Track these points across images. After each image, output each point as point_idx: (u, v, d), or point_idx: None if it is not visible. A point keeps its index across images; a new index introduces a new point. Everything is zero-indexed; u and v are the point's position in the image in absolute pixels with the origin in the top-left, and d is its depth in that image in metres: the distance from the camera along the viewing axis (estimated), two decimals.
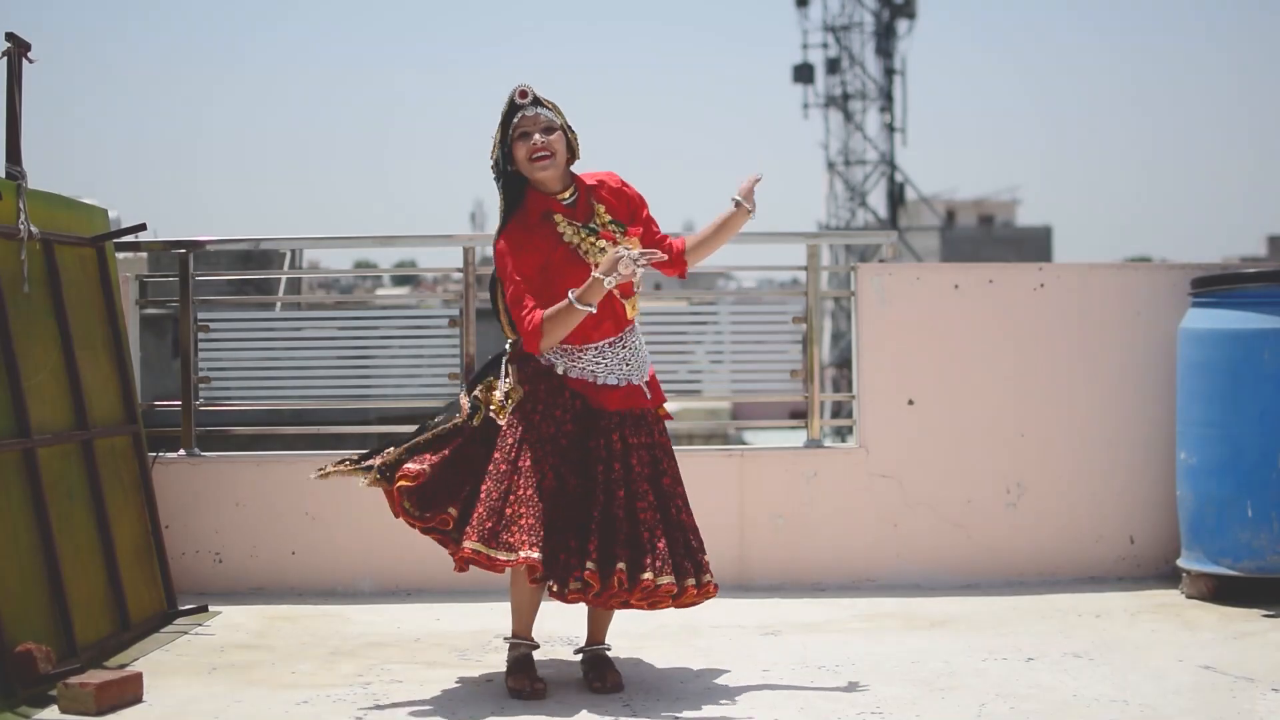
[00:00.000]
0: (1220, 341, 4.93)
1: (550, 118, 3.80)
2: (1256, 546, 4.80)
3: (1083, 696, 3.77)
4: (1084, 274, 5.49)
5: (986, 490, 5.41)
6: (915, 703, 3.74)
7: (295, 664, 4.24)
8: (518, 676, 3.87)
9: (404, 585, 5.31)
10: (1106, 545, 5.43)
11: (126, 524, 4.71)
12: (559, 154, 3.79)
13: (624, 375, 3.87)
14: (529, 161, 3.78)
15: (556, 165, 3.80)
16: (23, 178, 4.35)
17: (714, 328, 5.86)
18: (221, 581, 5.31)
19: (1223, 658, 4.17)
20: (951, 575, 5.36)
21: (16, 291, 4.23)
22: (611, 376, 3.85)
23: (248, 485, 5.37)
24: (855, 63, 37.09)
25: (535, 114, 3.79)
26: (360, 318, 5.89)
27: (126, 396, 4.90)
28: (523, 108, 3.79)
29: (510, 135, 3.81)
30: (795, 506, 5.36)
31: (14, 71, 4.38)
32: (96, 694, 3.65)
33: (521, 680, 3.85)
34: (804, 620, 4.79)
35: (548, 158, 3.77)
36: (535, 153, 3.76)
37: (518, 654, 3.92)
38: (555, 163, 3.79)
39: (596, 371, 3.84)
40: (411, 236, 5.94)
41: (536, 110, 3.79)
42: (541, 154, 3.76)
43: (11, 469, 4.06)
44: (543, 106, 3.81)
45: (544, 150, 3.76)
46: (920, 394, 5.41)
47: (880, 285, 5.43)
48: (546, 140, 3.77)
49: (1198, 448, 4.99)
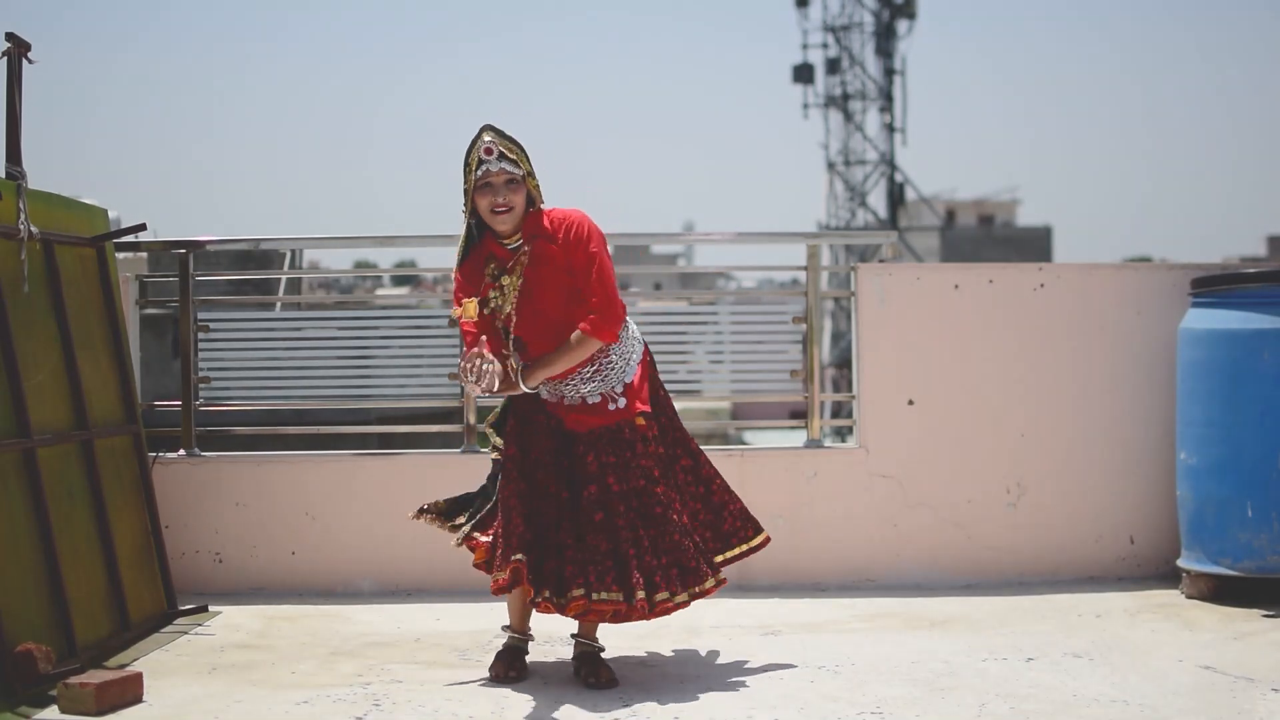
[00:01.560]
0: (1220, 341, 4.93)
1: (512, 172, 3.96)
2: (1256, 546, 4.80)
3: (1083, 696, 3.77)
4: (1084, 274, 5.49)
5: (986, 490, 5.41)
6: (915, 703, 3.74)
7: (295, 664, 4.24)
8: (497, 664, 4.09)
9: (404, 585, 5.32)
10: (1106, 545, 5.43)
11: (126, 524, 4.71)
12: (517, 208, 3.99)
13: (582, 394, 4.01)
14: (490, 213, 3.99)
15: (514, 217, 4.00)
16: (23, 178, 4.35)
17: (714, 328, 5.85)
18: (221, 581, 5.31)
19: (1223, 658, 4.17)
20: (951, 575, 5.36)
21: (16, 291, 4.23)
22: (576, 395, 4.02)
23: (248, 485, 5.37)
24: (855, 63, 37.14)
25: (499, 169, 3.95)
26: (360, 318, 5.88)
27: (126, 396, 4.90)
28: (487, 162, 3.96)
29: (474, 183, 3.98)
30: (795, 506, 5.36)
31: (14, 71, 4.38)
32: (96, 694, 3.65)
33: (499, 668, 4.07)
34: (804, 620, 4.79)
35: (506, 213, 3.97)
36: (496, 208, 3.97)
37: (506, 644, 4.15)
38: (513, 215, 3.99)
39: (564, 392, 4.03)
40: (411, 236, 5.94)
41: (500, 165, 3.96)
42: (501, 209, 3.97)
43: (11, 469, 4.06)
44: (506, 160, 3.96)
45: (504, 207, 3.97)
46: (920, 394, 5.41)
47: (880, 285, 5.43)
48: (507, 198, 3.96)
49: (1198, 448, 4.99)
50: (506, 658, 4.10)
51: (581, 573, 3.85)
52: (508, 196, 3.94)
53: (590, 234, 3.99)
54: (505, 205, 3.95)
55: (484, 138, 3.94)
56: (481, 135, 3.95)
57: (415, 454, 5.48)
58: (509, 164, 3.94)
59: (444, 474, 5.16)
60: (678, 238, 6.87)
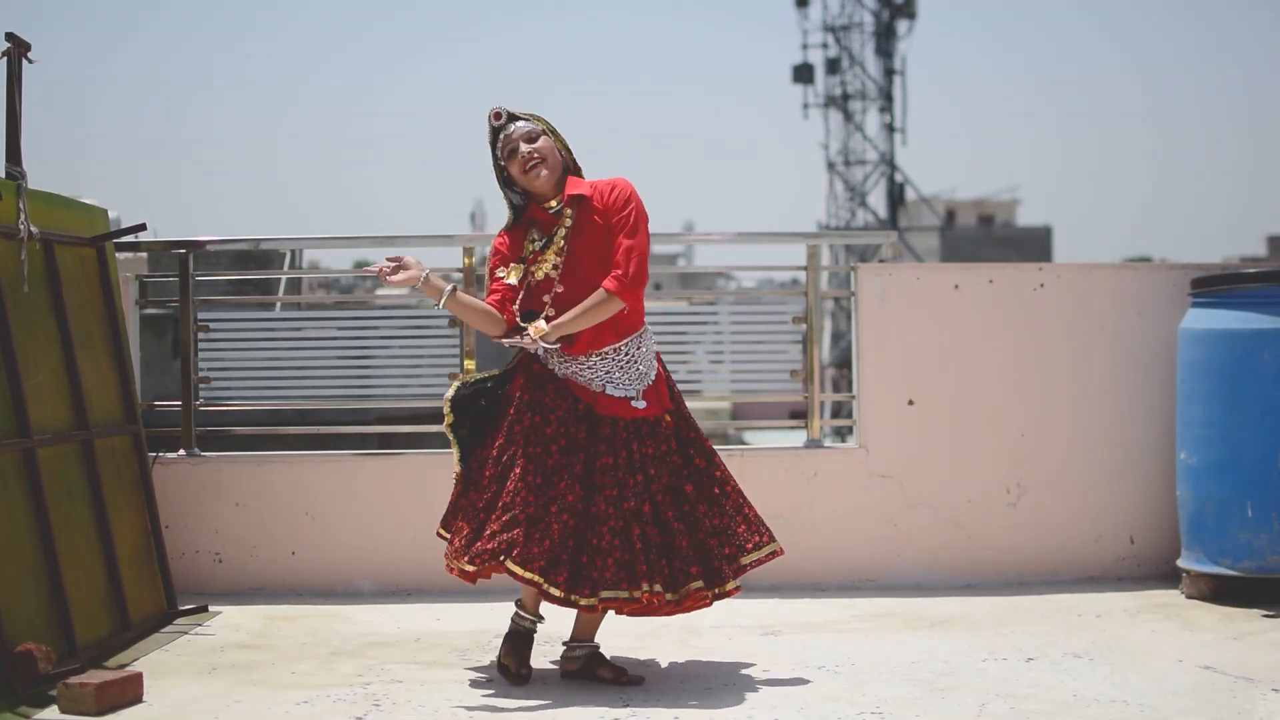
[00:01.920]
0: (1220, 341, 4.93)
1: (530, 127, 3.94)
2: (1256, 546, 4.80)
3: (1083, 696, 3.77)
4: (1084, 274, 5.49)
5: (986, 490, 5.41)
6: (915, 703, 3.74)
7: (295, 664, 4.24)
8: (509, 653, 3.94)
9: (404, 585, 5.31)
10: (1106, 545, 5.43)
11: (126, 524, 4.71)
12: (549, 158, 3.93)
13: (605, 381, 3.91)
14: (524, 174, 3.93)
15: (550, 168, 3.92)
16: (23, 178, 4.34)
17: (714, 328, 5.86)
18: (221, 581, 5.31)
19: (1223, 658, 4.17)
20: (951, 575, 5.36)
21: (16, 291, 4.23)
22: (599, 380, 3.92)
23: (248, 485, 5.37)
24: (855, 63, 37.11)
25: (514, 128, 3.94)
26: (360, 318, 5.89)
27: (126, 396, 4.90)
28: (501, 128, 3.95)
29: (500, 157, 3.96)
30: (795, 506, 5.36)
31: (14, 71, 4.38)
32: (96, 694, 3.65)
33: (511, 660, 3.93)
34: (804, 620, 4.79)
35: (539, 163, 3.91)
36: (527, 163, 3.91)
37: (516, 627, 3.97)
38: (548, 165, 3.92)
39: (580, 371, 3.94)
40: (411, 236, 5.93)
41: (514, 124, 3.94)
42: (533, 161, 3.91)
43: (11, 469, 4.06)
44: (519, 120, 3.95)
45: (534, 158, 3.91)
46: (920, 394, 5.41)
47: (880, 285, 5.43)
48: (533, 148, 3.91)
49: (1198, 448, 4.99)
50: (519, 646, 3.94)
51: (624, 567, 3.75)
52: (533, 147, 3.90)
53: (630, 197, 3.93)
54: (535, 155, 3.90)
55: (490, 111, 3.94)
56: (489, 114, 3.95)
57: (415, 454, 5.47)
58: (522, 121, 3.94)
59: (444, 474, 5.12)
60: (678, 238, 6.87)
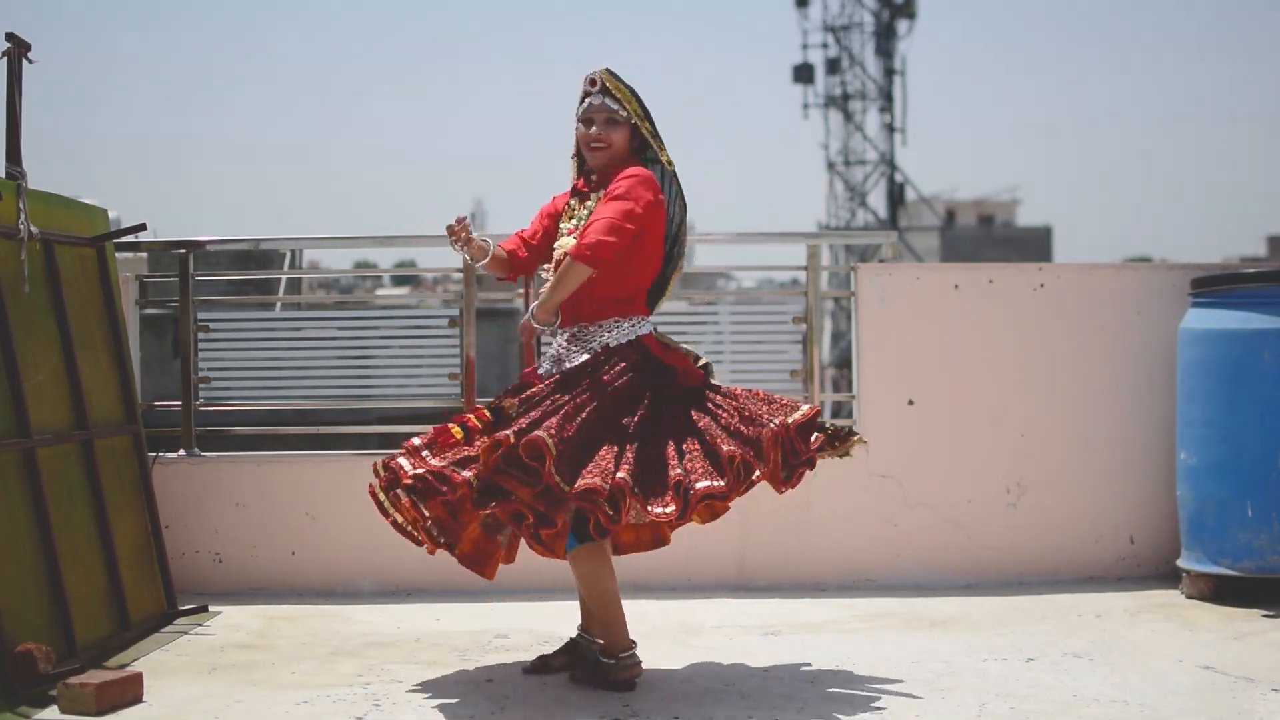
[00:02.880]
0: (1220, 341, 4.93)
1: (614, 110, 3.95)
2: (1256, 546, 4.80)
3: (1083, 696, 3.77)
4: (1084, 274, 5.49)
5: (986, 490, 5.41)
6: (915, 703, 3.74)
7: (295, 664, 4.24)
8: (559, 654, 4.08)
9: (404, 585, 5.32)
10: (1106, 545, 5.42)
11: (126, 524, 4.71)
12: (614, 146, 3.97)
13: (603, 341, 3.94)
14: (586, 148, 4.00)
15: (611, 154, 3.98)
16: (23, 178, 4.35)
17: (714, 328, 5.86)
18: (221, 581, 5.31)
19: (1223, 658, 4.17)
20: (951, 575, 5.36)
21: (16, 291, 4.23)
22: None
23: (248, 485, 5.37)
24: (855, 63, 37.14)
25: (602, 103, 3.96)
26: (360, 318, 5.89)
27: (126, 397, 4.90)
28: (590, 94, 3.99)
29: (579, 114, 4.01)
30: (795, 506, 5.35)
31: (14, 71, 4.38)
32: (96, 694, 3.65)
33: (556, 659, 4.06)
34: (804, 620, 4.79)
35: (603, 150, 3.97)
36: (593, 142, 3.98)
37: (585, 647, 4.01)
38: (609, 153, 3.97)
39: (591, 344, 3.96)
40: (411, 236, 5.94)
41: (604, 99, 3.96)
42: (598, 144, 3.97)
43: (11, 469, 4.06)
44: (610, 97, 3.96)
45: (600, 142, 3.97)
46: (920, 394, 5.41)
47: (880, 285, 5.43)
48: (604, 133, 3.96)
49: (1198, 448, 4.99)
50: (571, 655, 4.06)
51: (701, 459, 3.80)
52: (605, 132, 3.94)
53: (629, 176, 3.88)
54: (602, 141, 3.95)
55: (593, 72, 3.96)
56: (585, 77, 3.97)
57: None
58: (612, 100, 3.95)
59: None
60: None
